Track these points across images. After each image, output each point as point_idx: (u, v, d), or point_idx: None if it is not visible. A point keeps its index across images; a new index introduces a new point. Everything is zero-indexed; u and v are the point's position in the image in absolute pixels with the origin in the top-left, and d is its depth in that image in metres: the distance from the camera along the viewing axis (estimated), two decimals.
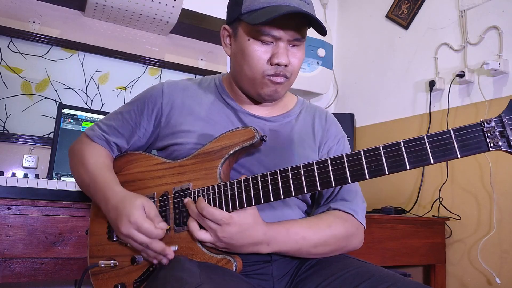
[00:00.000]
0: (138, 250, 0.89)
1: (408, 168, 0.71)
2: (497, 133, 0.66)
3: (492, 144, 0.66)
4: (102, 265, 0.96)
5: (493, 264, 1.74)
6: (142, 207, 0.87)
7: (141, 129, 1.03)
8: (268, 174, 0.82)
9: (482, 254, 1.77)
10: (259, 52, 0.92)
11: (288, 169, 0.80)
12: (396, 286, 0.78)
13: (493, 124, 0.67)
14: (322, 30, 0.92)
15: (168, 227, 0.90)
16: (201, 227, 0.86)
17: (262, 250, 0.87)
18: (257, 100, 1.03)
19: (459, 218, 1.88)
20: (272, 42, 0.92)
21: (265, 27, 0.90)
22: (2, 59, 1.80)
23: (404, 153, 0.71)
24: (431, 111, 2.08)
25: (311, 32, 1.00)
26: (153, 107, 1.02)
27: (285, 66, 0.92)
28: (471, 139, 0.68)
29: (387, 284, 0.79)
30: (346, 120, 2.30)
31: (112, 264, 0.96)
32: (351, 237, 0.96)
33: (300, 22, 0.92)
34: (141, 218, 0.85)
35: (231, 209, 0.85)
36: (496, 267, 1.73)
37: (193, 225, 0.86)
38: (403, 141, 0.71)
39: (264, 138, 0.88)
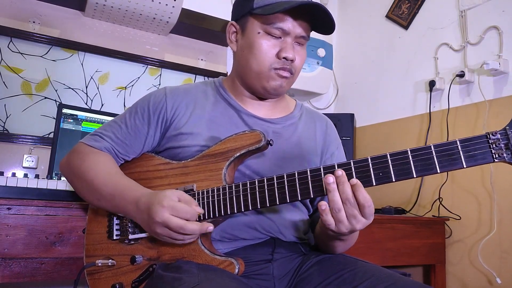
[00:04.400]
0: (172, 242, 0.85)
1: (414, 176, 0.73)
2: (502, 145, 0.69)
3: (497, 156, 0.68)
4: (100, 264, 0.95)
5: (493, 264, 1.74)
6: (173, 194, 0.84)
7: (149, 138, 1.02)
8: (275, 178, 0.82)
9: (483, 254, 1.77)
10: (268, 45, 0.97)
11: (295, 173, 0.81)
12: (396, 286, 0.78)
13: (498, 136, 0.69)
14: (331, 27, 0.96)
15: (203, 211, 0.86)
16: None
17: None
18: (260, 97, 1.04)
19: (459, 218, 1.88)
20: (280, 37, 0.97)
21: (277, 20, 0.94)
22: (2, 59, 1.80)
23: (411, 161, 0.73)
24: (431, 111, 2.08)
25: (312, 33, 1.01)
26: (159, 114, 1.02)
27: (291, 61, 0.97)
28: (477, 150, 0.70)
29: (387, 284, 0.79)
30: (346, 120, 2.30)
31: (109, 263, 0.95)
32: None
33: (309, 20, 0.97)
34: (174, 201, 0.82)
35: (235, 212, 0.85)
36: (497, 267, 1.72)
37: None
38: (410, 150, 0.73)
39: (271, 142, 0.89)
